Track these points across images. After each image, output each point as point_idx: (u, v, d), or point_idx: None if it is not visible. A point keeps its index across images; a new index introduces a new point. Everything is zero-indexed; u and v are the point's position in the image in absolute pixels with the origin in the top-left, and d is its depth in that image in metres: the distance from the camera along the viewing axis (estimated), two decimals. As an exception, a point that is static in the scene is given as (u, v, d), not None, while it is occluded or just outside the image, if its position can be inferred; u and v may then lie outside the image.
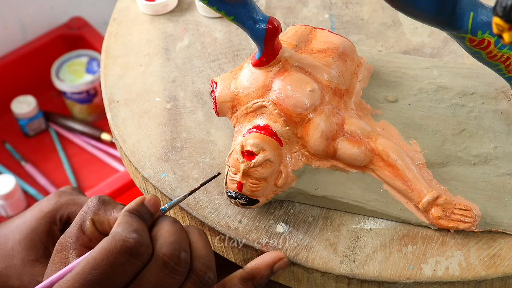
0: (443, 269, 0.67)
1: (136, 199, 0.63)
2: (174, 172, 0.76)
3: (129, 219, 0.60)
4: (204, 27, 0.90)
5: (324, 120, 0.70)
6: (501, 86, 0.77)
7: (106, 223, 0.64)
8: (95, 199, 0.65)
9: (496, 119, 0.75)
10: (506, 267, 0.67)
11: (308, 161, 0.72)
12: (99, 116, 1.74)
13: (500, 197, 0.70)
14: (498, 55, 0.68)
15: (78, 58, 1.72)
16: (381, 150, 0.71)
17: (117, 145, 0.81)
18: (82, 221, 0.64)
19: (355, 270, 0.67)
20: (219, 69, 0.85)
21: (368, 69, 0.79)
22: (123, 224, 0.60)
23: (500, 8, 0.49)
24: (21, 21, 1.72)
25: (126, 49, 0.89)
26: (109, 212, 0.64)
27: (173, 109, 0.82)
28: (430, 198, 0.68)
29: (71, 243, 0.63)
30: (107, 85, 0.85)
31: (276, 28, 0.69)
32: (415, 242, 0.69)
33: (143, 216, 0.62)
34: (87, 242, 0.63)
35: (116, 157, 1.65)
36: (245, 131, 0.71)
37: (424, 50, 0.85)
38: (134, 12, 0.93)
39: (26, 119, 1.67)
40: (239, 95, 0.72)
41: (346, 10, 0.91)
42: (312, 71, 0.72)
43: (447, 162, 0.73)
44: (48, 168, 1.65)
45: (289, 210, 0.72)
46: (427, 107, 0.76)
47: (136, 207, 0.62)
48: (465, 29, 0.65)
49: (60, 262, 0.63)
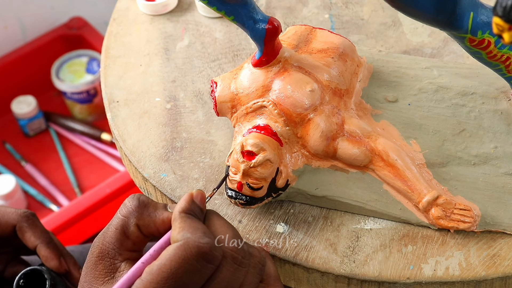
0: (443, 269, 0.67)
1: (185, 196, 0.61)
2: (174, 172, 0.76)
3: (190, 222, 0.59)
4: (204, 27, 0.90)
5: (324, 120, 0.70)
6: (501, 86, 0.77)
7: (152, 226, 0.61)
8: (134, 200, 0.62)
9: (496, 119, 0.75)
10: (506, 267, 0.67)
11: (308, 161, 0.72)
12: (99, 116, 1.74)
13: (500, 197, 0.70)
14: (498, 55, 0.68)
15: (78, 58, 1.72)
16: (381, 150, 0.71)
17: (117, 145, 0.81)
18: (125, 225, 0.61)
19: (355, 270, 0.67)
20: (219, 69, 0.85)
21: (368, 69, 0.79)
22: (189, 228, 0.58)
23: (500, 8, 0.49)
24: (21, 21, 1.72)
25: (126, 49, 0.89)
26: (153, 214, 0.61)
27: (173, 109, 0.82)
28: (430, 198, 0.68)
29: (114, 249, 0.61)
30: (107, 85, 0.85)
31: (276, 28, 0.69)
32: (415, 242, 0.69)
33: (197, 215, 0.60)
34: (131, 246, 0.61)
35: (116, 157, 1.65)
36: (245, 131, 0.71)
37: (424, 50, 0.85)
38: (134, 12, 0.93)
39: (26, 119, 1.67)
40: (239, 95, 0.72)
41: (346, 10, 0.91)
42: (312, 71, 0.72)
43: (447, 162, 0.73)
44: (48, 168, 1.65)
45: (289, 210, 0.72)
46: (427, 107, 0.76)
47: (189, 206, 0.60)
48: (465, 29, 0.65)
49: (106, 269, 0.60)
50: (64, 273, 0.80)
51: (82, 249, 1.00)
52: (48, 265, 0.79)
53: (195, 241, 0.57)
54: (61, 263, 0.79)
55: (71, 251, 0.99)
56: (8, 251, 0.83)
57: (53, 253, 0.79)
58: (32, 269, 0.77)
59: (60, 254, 0.80)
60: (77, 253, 0.99)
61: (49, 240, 0.80)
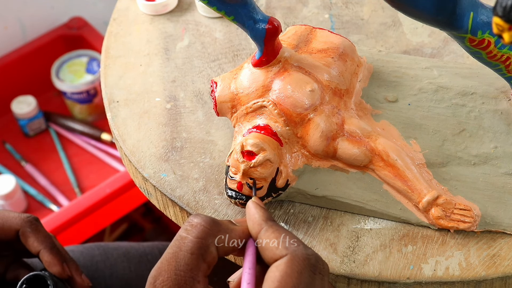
0: (443, 269, 0.67)
1: (253, 204, 0.57)
2: (174, 172, 0.76)
3: (281, 229, 0.56)
4: (204, 27, 0.90)
5: (324, 120, 0.70)
6: (501, 86, 0.77)
7: (227, 244, 0.57)
8: (205, 218, 0.56)
9: (496, 119, 0.75)
10: (506, 267, 0.67)
11: (308, 161, 0.72)
12: (99, 116, 1.74)
13: (500, 197, 0.70)
14: (498, 55, 0.68)
15: (78, 58, 1.72)
16: (381, 150, 0.71)
17: (117, 145, 0.81)
18: (202, 248, 0.55)
19: (355, 270, 0.67)
20: (219, 69, 0.85)
21: (368, 69, 0.79)
22: (288, 239, 0.55)
23: (500, 8, 0.49)
24: (21, 21, 1.71)
25: (126, 49, 0.89)
26: (228, 230, 0.57)
27: (173, 109, 0.82)
28: (430, 198, 0.68)
29: (192, 277, 0.54)
30: (107, 85, 0.85)
31: (276, 28, 0.69)
32: (415, 242, 0.69)
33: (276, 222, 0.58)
34: (206, 271, 0.55)
35: (116, 157, 1.65)
36: (245, 131, 0.71)
37: (424, 50, 0.85)
38: (134, 12, 0.93)
39: (26, 119, 1.67)
40: (239, 95, 0.72)
41: (346, 10, 0.91)
42: (312, 71, 0.72)
43: (447, 162, 0.73)
44: (48, 168, 1.65)
45: (289, 210, 0.72)
46: (427, 107, 0.76)
47: (268, 214, 0.57)
48: (465, 29, 0.65)
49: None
50: (66, 278, 0.80)
51: (82, 249, 1.00)
52: (51, 271, 0.79)
53: (303, 253, 0.54)
54: (64, 269, 0.79)
55: (71, 251, 0.99)
56: (9, 254, 0.84)
57: (56, 259, 0.79)
58: (35, 274, 0.77)
59: (63, 260, 0.80)
60: (77, 253, 0.99)
61: (52, 246, 0.80)
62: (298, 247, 0.55)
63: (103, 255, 1.01)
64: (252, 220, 0.57)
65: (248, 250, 0.57)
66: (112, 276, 0.99)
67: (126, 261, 1.01)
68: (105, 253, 1.01)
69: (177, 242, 0.55)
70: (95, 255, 1.00)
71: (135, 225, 1.69)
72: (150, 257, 1.03)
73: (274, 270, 0.54)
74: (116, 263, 1.00)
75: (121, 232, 1.67)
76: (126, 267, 1.00)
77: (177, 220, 0.76)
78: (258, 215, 0.57)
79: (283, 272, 0.53)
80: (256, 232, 0.57)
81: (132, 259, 1.02)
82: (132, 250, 1.03)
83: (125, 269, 1.00)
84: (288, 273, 0.53)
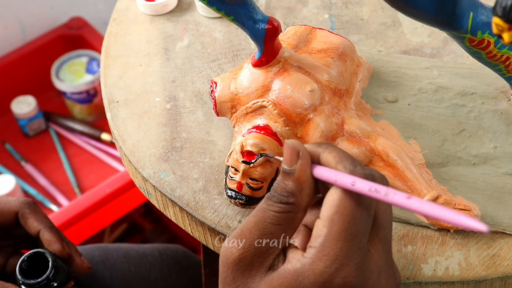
0: (443, 269, 0.67)
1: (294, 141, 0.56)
2: (174, 172, 0.76)
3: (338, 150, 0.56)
4: (204, 27, 0.90)
5: (324, 120, 0.70)
6: (501, 86, 0.77)
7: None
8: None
9: (496, 119, 0.75)
10: (506, 267, 0.67)
11: (308, 161, 0.71)
12: (99, 116, 1.74)
13: (500, 197, 0.70)
14: (498, 55, 0.68)
15: (78, 58, 1.72)
16: (380, 150, 0.71)
17: (117, 145, 0.81)
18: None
19: (355, 270, 0.67)
20: (219, 69, 0.85)
21: (368, 69, 0.79)
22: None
23: (500, 8, 0.50)
24: (21, 21, 1.72)
25: (126, 49, 0.89)
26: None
27: (173, 109, 0.82)
28: (430, 198, 0.68)
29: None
30: (107, 85, 0.85)
31: (276, 28, 0.69)
32: (415, 242, 0.69)
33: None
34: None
35: (116, 157, 1.65)
36: (245, 131, 0.71)
37: (424, 50, 0.85)
38: (134, 12, 0.93)
39: (26, 119, 1.67)
40: (239, 95, 0.72)
41: (346, 10, 0.91)
42: (312, 71, 0.72)
43: (447, 162, 0.73)
44: (48, 168, 1.65)
45: (289, 210, 0.72)
46: (427, 107, 0.76)
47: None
48: (465, 29, 0.65)
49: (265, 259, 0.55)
50: (66, 257, 0.81)
51: (82, 250, 1.00)
52: (51, 249, 0.80)
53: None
54: (63, 247, 0.81)
55: (71, 251, 0.99)
56: (9, 245, 0.85)
57: (56, 237, 0.81)
58: (35, 251, 0.79)
59: (62, 239, 0.82)
60: (77, 253, 0.99)
61: (52, 225, 0.82)
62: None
63: (103, 256, 1.01)
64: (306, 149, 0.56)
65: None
66: (112, 277, 0.99)
67: (126, 262, 1.01)
68: (105, 254, 1.01)
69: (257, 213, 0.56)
70: (95, 256, 1.00)
71: (135, 225, 1.70)
72: (150, 258, 1.03)
73: (333, 193, 0.54)
74: (116, 264, 1.00)
75: (121, 232, 1.68)
76: (126, 268, 1.00)
77: (176, 220, 0.76)
78: (307, 145, 0.57)
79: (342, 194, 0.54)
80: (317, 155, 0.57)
81: (132, 260, 1.02)
82: (132, 251, 1.03)
83: (125, 270, 1.00)
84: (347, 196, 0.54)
